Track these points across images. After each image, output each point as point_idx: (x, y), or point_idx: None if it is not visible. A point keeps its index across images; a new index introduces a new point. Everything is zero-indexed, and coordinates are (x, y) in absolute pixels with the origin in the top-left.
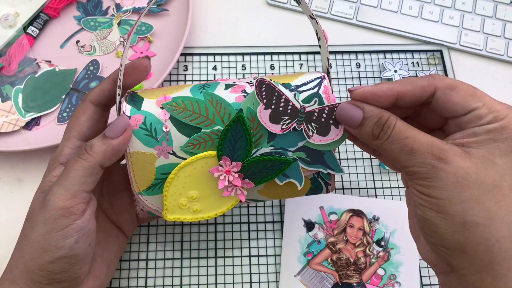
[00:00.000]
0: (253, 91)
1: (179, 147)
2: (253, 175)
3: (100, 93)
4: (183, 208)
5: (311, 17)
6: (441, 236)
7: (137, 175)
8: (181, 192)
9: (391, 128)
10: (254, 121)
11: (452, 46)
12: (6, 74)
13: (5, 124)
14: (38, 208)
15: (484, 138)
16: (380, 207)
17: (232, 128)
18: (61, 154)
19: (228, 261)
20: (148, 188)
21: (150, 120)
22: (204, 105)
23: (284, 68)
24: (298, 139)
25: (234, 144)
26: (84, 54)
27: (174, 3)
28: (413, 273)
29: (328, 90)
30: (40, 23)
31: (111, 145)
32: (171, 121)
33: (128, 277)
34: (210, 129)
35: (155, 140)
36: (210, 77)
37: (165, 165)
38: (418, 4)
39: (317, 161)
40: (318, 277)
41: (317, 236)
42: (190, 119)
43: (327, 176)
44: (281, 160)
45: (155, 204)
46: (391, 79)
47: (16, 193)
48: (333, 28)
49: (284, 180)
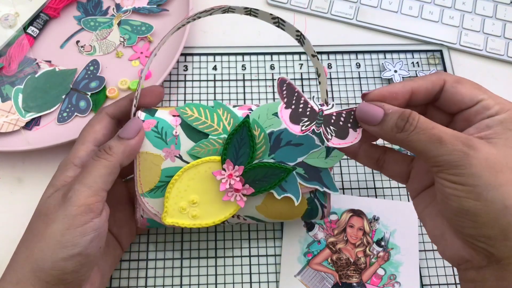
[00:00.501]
0: (259, 107)
1: (186, 151)
2: (254, 183)
3: (116, 108)
4: (182, 213)
5: (312, 56)
6: (481, 226)
7: (143, 175)
8: (183, 196)
9: (416, 120)
10: (258, 132)
11: (452, 46)
12: (6, 74)
13: (5, 124)
14: (55, 205)
15: (499, 129)
16: (380, 207)
17: (238, 133)
18: (75, 156)
19: (228, 261)
20: (151, 190)
21: (162, 125)
22: (214, 113)
23: (284, 68)
24: (298, 154)
25: (238, 149)
26: (84, 54)
27: (174, 3)
28: (413, 273)
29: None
30: (40, 23)
31: (129, 145)
32: (181, 127)
33: (128, 277)
34: (217, 137)
35: (164, 142)
36: (210, 77)
37: (170, 167)
38: (418, 4)
39: (314, 178)
40: (318, 277)
41: (317, 236)
42: (200, 125)
43: (323, 197)
44: (281, 167)
45: (155, 207)
46: (391, 79)
47: (16, 193)
48: (333, 28)
49: (282, 194)
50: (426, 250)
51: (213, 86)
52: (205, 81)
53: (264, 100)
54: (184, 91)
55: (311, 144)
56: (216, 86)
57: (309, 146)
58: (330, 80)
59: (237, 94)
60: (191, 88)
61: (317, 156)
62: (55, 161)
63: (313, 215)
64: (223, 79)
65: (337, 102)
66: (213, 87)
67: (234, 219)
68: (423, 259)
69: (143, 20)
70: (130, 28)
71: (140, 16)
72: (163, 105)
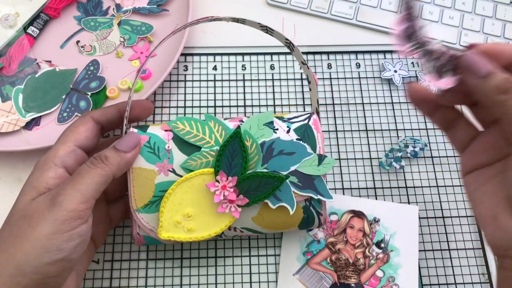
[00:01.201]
0: (249, 118)
1: (179, 165)
2: (248, 193)
3: (103, 114)
4: (177, 227)
5: (302, 63)
6: None
7: (137, 191)
8: (177, 209)
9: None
10: (250, 143)
11: (452, 46)
12: (6, 74)
13: (5, 124)
14: (43, 208)
15: None
16: (381, 209)
17: (230, 144)
18: (55, 156)
19: (228, 261)
20: (145, 206)
21: (154, 140)
22: (205, 126)
23: (284, 68)
24: (290, 163)
25: (231, 161)
26: (84, 54)
27: (174, 3)
28: (412, 276)
29: (317, 122)
30: (40, 23)
31: (125, 158)
32: (173, 141)
33: (128, 277)
34: (209, 149)
35: (157, 157)
36: (210, 77)
37: (164, 182)
38: (418, 4)
39: (308, 186)
40: (317, 277)
41: (317, 236)
42: (192, 138)
43: (318, 205)
44: (274, 177)
45: (150, 223)
46: (391, 79)
47: (16, 193)
48: (333, 28)
49: (277, 203)
50: (426, 250)
51: (213, 86)
52: (205, 81)
53: (264, 100)
54: (184, 91)
55: (303, 153)
56: (216, 86)
57: (301, 154)
58: (330, 80)
59: (237, 94)
60: (191, 88)
61: (310, 164)
62: None
63: (309, 224)
64: (223, 79)
65: (337, 102)
66: (213, 87)
67: (231, 232)
68: (423, 259)
69: (143, 20)
70: (130, 28)
71: (140, 16)
72: (163, 105)
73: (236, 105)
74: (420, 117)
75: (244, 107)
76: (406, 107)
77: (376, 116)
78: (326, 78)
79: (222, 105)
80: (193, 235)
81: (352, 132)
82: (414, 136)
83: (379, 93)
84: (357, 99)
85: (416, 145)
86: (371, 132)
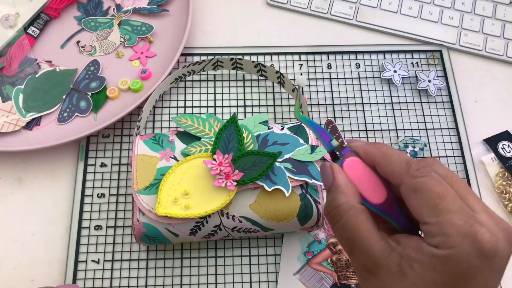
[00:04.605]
0: (246, 118)
1: (180, 151)
2: (243, 172)
3: None
4: (175, 204)
5: (292, 90)
6: None
7: (139, 175)
8: (176, 188)
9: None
10: (246, 134)
11: (451, 46)
12: (6, 74)
13: (6, 124)
14: None
15: (426, 262)
16: None
17: (227, 129)
18: None
19: (228, 261)
20: (146, 188)
21: (159, 135)
22: (206, 122)
23: (284, 68)
24: (285, 152)
25: (227, 144)
26: (85, 55)
27: (174, 3)
28: None
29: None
30: (41, 23)
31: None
32: (176, 136)
33: (128, 277)
34: (209, 139)
35: (160, 146)
36: (210, 77)
37: (165, 167)
38: (418, 4)
39: (302, 171)
40: (317, 277)
41: (318, 236)
42: (193, 130)
43: (315, 193)
44: (268, 154)
45: (149, 204)
46: (390, 79)
47: (16, 193)
48: (333, 28)
49: (272, 186)
50: None
51: (213, 86)
52: (205, 81)
53: (264, 100)
54: (184, 91)
55: (296, 143)
56: (216, 86)
57: (295, 144)
58: (330, 80)
59: (237, 94)
60: (191, 88)
61: (303, 152)
62: (56, 161)
63: (308, 212)
64: (223, 79)
65: (337, 102)
66: (213, 87)
67: (230, 221)
68: None
69: (143, 20)
70: (131, 28)
71: (141, 17)
72: (163, 105)
73: (236, 105)
74: (420, 117)
75: (244, 107)
76: (406, 107)
77: (376, 116)
78: (326, 78)
79: (222, 105)
80: (190, 212)
81: (352, 132)
82: (413, 136)
83: (378, 93)
84: (357, 99)
85: (415, 145)
86: (371, 132)
